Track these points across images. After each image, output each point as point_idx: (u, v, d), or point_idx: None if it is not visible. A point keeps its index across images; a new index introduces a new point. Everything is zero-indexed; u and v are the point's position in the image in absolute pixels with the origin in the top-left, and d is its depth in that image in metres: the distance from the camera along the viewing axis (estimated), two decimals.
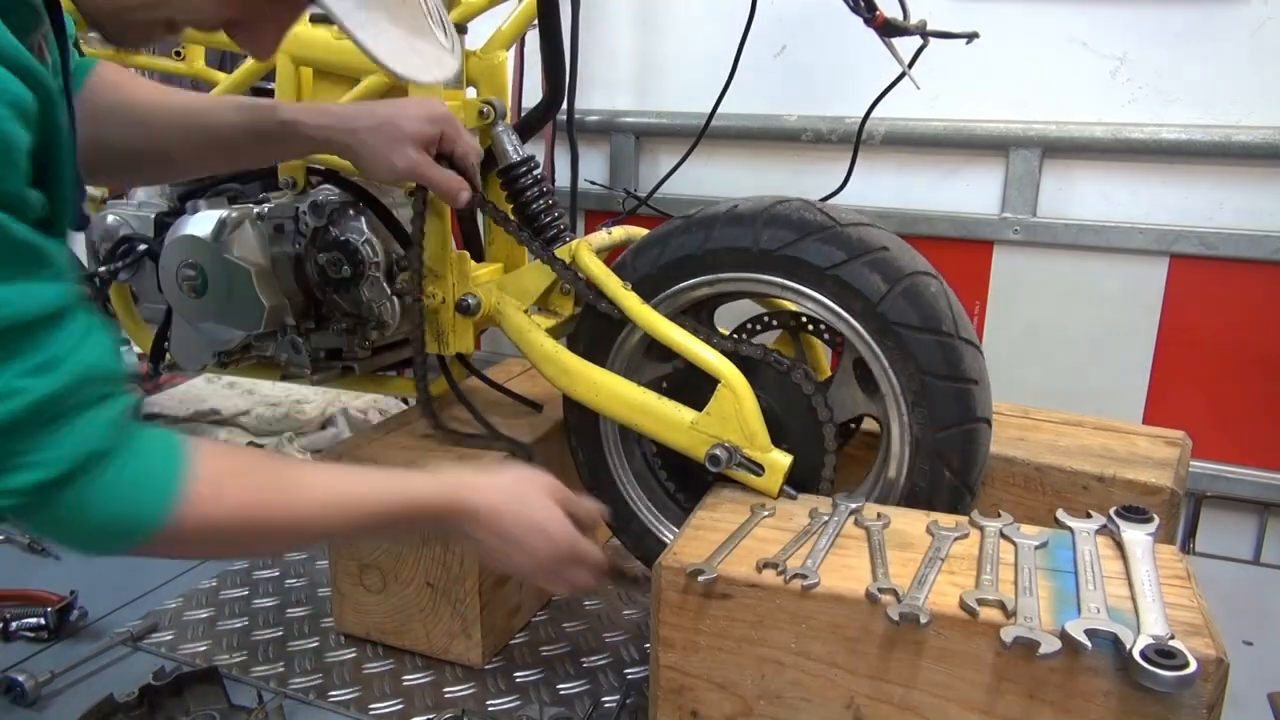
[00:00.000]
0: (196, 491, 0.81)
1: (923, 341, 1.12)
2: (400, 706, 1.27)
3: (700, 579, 0.97)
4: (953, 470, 1.14)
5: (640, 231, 1.45)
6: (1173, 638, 0.83)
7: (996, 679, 0.89)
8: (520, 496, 1.03)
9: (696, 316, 1.32)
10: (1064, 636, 0.84)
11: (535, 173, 1.42)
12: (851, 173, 1.70)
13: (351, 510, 0.94)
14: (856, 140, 1.69)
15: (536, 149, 2.02)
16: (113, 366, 0.79)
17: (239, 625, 1.45)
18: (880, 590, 0.92)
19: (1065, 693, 0.86)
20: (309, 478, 0.93)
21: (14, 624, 1.41)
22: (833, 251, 1.15)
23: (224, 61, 1.83)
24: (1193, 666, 0.79)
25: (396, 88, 1.32)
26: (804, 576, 0.95)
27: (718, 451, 1.18)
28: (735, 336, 1.38)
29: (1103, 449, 1.31)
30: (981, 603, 0.89)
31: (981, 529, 1.06)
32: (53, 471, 0.74)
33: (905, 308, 1.12)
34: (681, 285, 1.26)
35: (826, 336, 1.34)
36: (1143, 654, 0.81)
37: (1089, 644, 0.83)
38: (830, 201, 1.44)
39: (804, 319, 1.33)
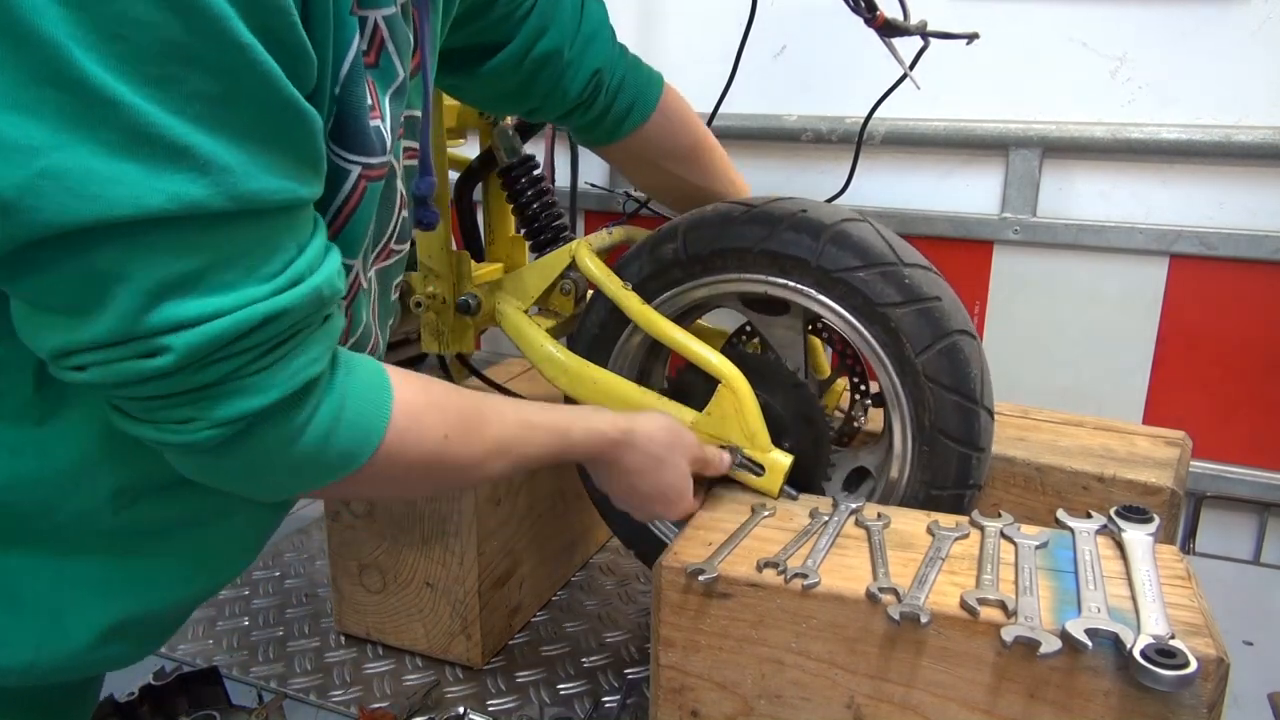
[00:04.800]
0: (399, 425, 0.77)
1: (868, 280, 1.13)
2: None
3: (701, 578, 0.97)
4: (949, 388, 1.13)
5: (641, 231, 1.45)
6: (1173, 637, 0.83)
7: (997, 678, 0.89)
8: (670, 448, 1.08)
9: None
10: (1064, 636, 0.84)
11: (535, 173, 1.43)
12: (853, 174, 1.70)
13: (537, 444, 0.94)
14: (858, 142, 1.68)
15: (536, 149, 2.02)
16: (340, 286, 0.72)
17: (239, 625, 1.45)
18: (881, 590, 0.92)
19: (1066, 692, 0.86)
20: (498, 410, 0.92)
21: None
22: (755, 230, 1.19)
23: None
24: (1193, 666, 0.79)
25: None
26: (804, 576, 0.95)
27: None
28: (733, 338, 1.38)
29: (1103, 449, 1.31)
30: (982, 602, 0.89)
31: (982, 529, 1.06)
32: (272, 397, 0.67)
33: (839, 254, 1.14)
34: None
35: (825, 335, 1.35)
36: (1143, 653, 0.81)
37: (1089, 643, 0.83)
38: (834, 203, 1.44)
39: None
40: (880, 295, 1.13)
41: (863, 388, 1.33)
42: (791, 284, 1.18)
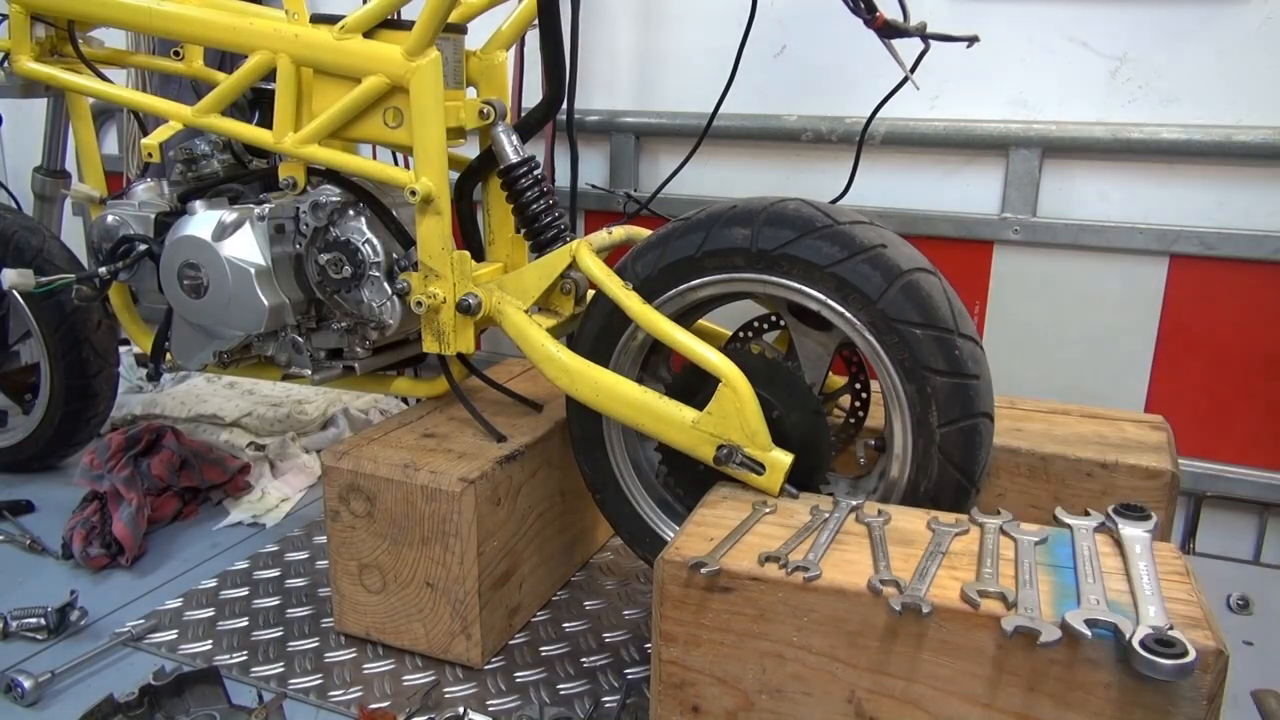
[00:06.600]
0: None
1: (809, 245, 1.18)
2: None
3: (703, 571, 0.97)
4: (918, 324, 1.15)
5: (642, 231, 1.46)
6: (1172, 628, 0.83)
7: (997, 671, 0.89)
8: None
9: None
10: (1064, 626, 0.84)
11: (535, 173, 1.43)
12: (854, 176, 1.71)
13: None
14: (859, 144, 1.69)
15: (536, 149, 2.03)
16: None
17: (239, 625, 1.45)
18: (882, 582, 0.92)
19: (1065, 684, 0.86)
20: None
21: (14, 624, 1.41)
22: (695, 237, 1.25)
23: (223, 62, 1.84)
24: (1192, 655, 0.79)
25: (397, 88, 1.32)
26: (806, 569, 0.95)
27: (719, 450, 1.19)
28: (738, 336, 1.39)
29: (1097, 436, 1.33)
30: (982, 594, 0.89)
31: (981, 525, 1.06)
32: None
33: (775, 232, 1.20)
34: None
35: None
36: (1142, 643, 0.81)
37: (1089, 633, 0.83)
38: (838, 204, 1.44)
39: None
40: (824, 256, 1.17)
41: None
42: (740, 276, 1.21)
